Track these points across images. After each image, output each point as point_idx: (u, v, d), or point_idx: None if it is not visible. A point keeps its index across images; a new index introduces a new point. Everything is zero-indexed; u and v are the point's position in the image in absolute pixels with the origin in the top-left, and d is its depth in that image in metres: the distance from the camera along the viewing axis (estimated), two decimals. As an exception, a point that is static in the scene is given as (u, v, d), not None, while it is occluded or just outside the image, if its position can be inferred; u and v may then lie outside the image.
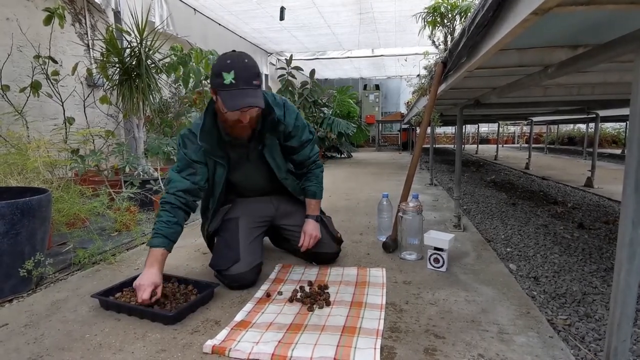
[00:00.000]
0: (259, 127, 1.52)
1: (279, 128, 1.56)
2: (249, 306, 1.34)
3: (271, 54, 8.53)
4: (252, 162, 1.61)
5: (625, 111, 4.40)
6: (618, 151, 9.02)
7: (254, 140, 1.55)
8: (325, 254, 1.74)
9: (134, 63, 2.90)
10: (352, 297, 1.40)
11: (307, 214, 1.70)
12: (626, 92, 2.64)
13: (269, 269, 1.72)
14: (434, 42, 2.73)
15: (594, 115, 4.21)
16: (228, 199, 1.73)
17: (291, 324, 1.21)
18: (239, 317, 1.26)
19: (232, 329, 1.18)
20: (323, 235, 1.69)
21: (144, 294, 1.26)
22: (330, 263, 1.77)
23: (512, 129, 13.35)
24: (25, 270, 1.43)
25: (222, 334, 1.15)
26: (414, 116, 4.79)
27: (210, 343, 1.09)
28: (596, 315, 1.32)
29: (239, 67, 1.31)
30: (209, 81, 1.36)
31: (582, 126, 10.24)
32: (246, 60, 1.34)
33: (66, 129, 2.87)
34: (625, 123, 8.57)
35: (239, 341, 1.10)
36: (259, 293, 1.45)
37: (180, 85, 4.41)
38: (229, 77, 1.30)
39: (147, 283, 1.29)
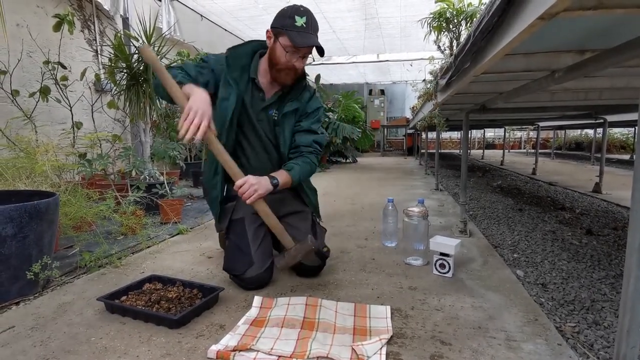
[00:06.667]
0: (287, 90, 1.62)
1: (303, 97, 1.65)
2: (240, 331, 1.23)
3: (277, 59, 8.57)
4: (261, 119, 1.64)
5: (633, 116, 4.36)
6: (626, 157, 8.93)
7: (274, 103, 1.62)
8: (307, 267, 1.63)
9: (141, 68, 2.93)
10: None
11: (270, 174, 1.50)
12: (634, 97, 2.62)
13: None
14: (439, 47, 2.73)
15: (602, 121, 4.17)
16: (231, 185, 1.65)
17: (293, 352, 1.10)
18: (232, 342, 1.14)
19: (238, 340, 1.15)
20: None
21: (204, 127, 1.24)
22: (313, 276, 1.66)
23: (518, 134, 13.28)
24: (32, 273, 1.44)
25: (226, 339, 1.15)
26: (419, 121, 4.78)
27: (214, 348, 1.09)
28: (605, 323, 1.30)
29: (310, 16, 1.46)
30: (271, 25, 1.51)
31: (590, 131, 10.16)
32: (313, 15, 1.49)
33: (74, 134, 2.90)
34: (633, 128, 8.49)
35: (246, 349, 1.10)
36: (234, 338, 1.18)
37: (186, 90, 4.44)
38: (301, 21, 1.43)
39: (203, 112, 1.26)
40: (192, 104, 1.27)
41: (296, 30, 1.42)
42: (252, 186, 1.40)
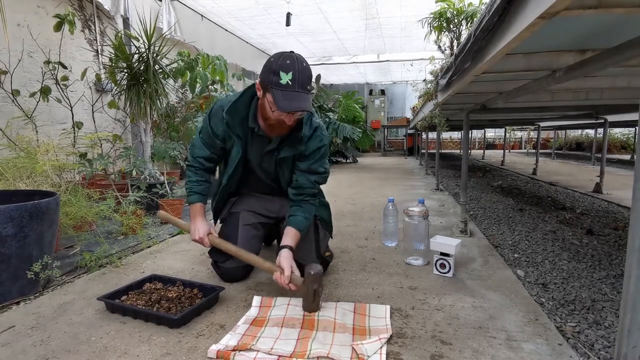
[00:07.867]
0: (284, 137, 1.52)
1: (299, 147, 1.53)
2: (241, 329, 1.23)
3: (277, 59, 8.56)
4: (264, 161, 1.63)
5: (634, 116, 4.36)
6: (627, 157, 8.92)
7: (274, 144, 1.55)
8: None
9: (141, 68, 2.93)
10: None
11: (282, 244, 1.46)
12: (635, 97, 2.62)
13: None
14: (440, 47, 2.74)
15: (603, 121, 4.17)
16: (239, 191, 1.76)
17: (293, 351, 1.11)
18: (232, 342, 1.14)
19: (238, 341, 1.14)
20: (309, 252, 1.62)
21: (205, 239, 1.56)
22: None
23: (519, 134, 13.28)
24: (32, 273, 1.44)
25: (226, 338, 1.15)
26: (419, 121, 4.78)
27: (214, 348, 1.09)
28: (606, 323, 1.30)
29: (297, 70, 1.31)
30: (259, 77, 1.39)
31: (590, 131, 10.16)
32: (304, 64, 1.34)
33: (75, 133, 2.90)
34: (634, 128, 8.49)
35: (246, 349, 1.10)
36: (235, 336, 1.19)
37: (187, 90, 4.45)
38: (286, 78, 1.29)
39: (203, 231, 1.56)
40: (194, 230, 1.60)
41: (280, 88, 1.29)
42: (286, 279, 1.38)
